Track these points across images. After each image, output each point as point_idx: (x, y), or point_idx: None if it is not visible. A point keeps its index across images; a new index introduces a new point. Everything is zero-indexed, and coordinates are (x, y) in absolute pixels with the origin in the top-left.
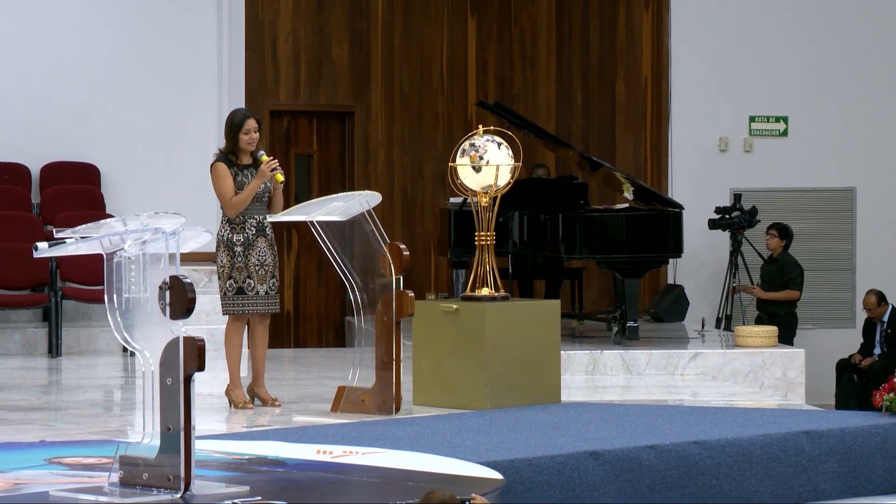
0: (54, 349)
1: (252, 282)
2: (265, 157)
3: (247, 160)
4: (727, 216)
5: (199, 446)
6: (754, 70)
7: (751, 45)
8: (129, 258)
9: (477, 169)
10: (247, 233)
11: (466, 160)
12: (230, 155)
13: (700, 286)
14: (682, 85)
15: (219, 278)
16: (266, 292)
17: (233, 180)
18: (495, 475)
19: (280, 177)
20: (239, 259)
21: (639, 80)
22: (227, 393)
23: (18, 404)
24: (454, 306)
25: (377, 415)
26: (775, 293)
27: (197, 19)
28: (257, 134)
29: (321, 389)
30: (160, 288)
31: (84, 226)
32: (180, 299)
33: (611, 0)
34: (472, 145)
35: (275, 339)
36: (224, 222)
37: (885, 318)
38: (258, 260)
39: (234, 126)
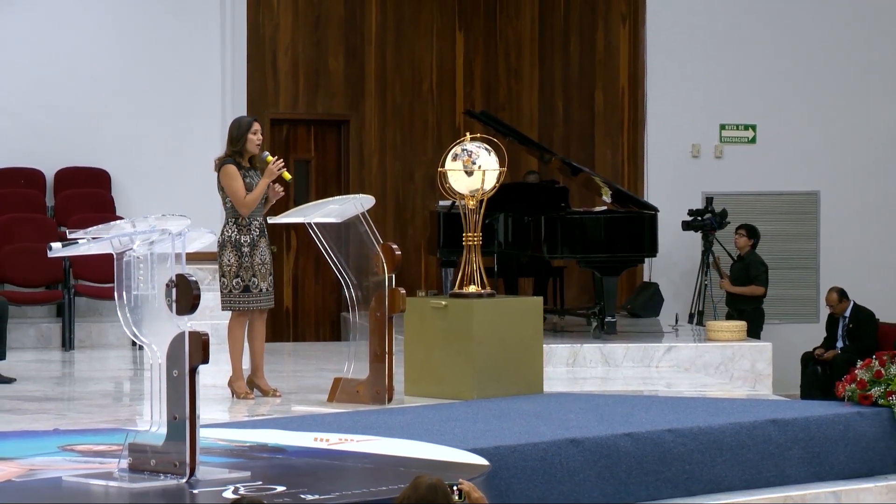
0: (67, 343)
1: (256, 280)
2: (270, 158)
3: (246, 163)
4: (699, 218)
5: (203, 434)
6: (724, 81)
7: (721, 58)
8: (138, 257)
9: (469, 173)
10: (252, 234)
11: (459, 164)
12: (237, 157)
13: (674, 284)
14: (656, 95)
15: (223, 276)
16: (266, 289)
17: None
18: (481, 461)
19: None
20: (246, 259)
21: (616, 91)
22: (230, 384)
23: (34, 395)
24: (443, 303)
25: (371, 405)
26: (742, 287)
27: (202, 33)
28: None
29: (318, 381)
30: (167, 285)
31: (95, 227)
32: (186, 296)
33: (590, 15)
34: (465, 150)
35: (275, 333)
36: (231, 224)
37: (847, 314)
38: (261, 259)
39: (242, 129)
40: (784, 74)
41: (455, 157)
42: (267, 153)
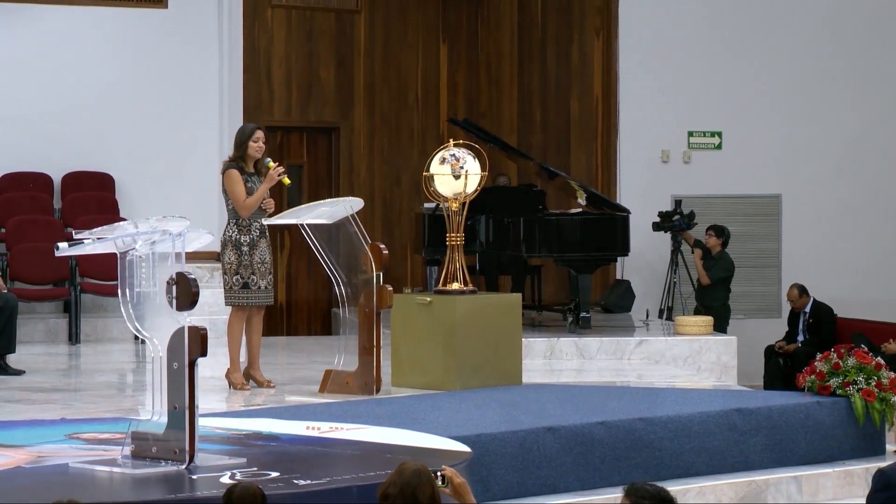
0: (74, 337)
1: (255, 278)
2: (272, 164)
3: (250, 168)
4: (669, 220)
5: (201, 423)
6: (692, 91)
7: (689, 69)
8: (141, 257)
9: (457, 176)
10: (252, 234)
11: (447, 168)
12: (241, 161)
13: (645, 281)
14: (628, 103)
15: (224, 273)
16: (265, 286)
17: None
18: (464, 448)
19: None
20: (245, 258)
21: (591, 99)
22: (227, 376)
23: (42, 386)
24: (428, 299)
25: (360, 395)
26: (702, 270)
27: (201, 46)
28: (264, 144)
29: (310, 373)
30: (168, 283)
31: (100, 228)
32: (186, 293)
33: (566, 29)
34: (453, 155)
35: (269, 327)
36: (232, 224)
37: (807, 309)
38: (260, 258)
39: (244, 136)
40: (748, 84)
41: (443, 161)
42: (269, 159)
